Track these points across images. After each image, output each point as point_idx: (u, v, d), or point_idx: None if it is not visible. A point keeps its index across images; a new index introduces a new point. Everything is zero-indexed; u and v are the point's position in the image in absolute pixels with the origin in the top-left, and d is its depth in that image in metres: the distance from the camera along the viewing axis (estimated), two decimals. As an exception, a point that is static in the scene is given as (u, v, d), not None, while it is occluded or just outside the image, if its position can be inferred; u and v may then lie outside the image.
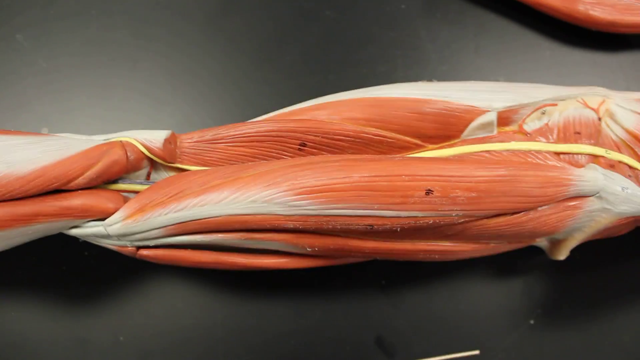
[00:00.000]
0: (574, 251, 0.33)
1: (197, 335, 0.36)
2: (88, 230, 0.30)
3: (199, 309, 0.37)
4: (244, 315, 0.36)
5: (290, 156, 0.31)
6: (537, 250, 0.35)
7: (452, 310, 0.37)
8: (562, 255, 0.33)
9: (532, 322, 0.36)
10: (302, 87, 0.41)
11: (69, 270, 0.37)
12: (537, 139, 0.32)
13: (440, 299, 0.37)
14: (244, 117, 0.39)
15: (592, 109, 0.33)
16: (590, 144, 0.32)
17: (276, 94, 0.40)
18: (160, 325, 0.36)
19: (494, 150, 0.31)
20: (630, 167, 0.32)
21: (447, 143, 0.32)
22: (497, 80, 0.40)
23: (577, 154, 0.32)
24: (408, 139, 0.32)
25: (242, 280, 0.37)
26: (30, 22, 0.42)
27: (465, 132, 0.32)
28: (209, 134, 0.31)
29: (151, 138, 0.30)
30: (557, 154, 0.32)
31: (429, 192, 0.27)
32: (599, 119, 0.33)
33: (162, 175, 0.32)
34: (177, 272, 0.37)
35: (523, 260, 0.37)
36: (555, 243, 0.33)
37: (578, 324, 0.36)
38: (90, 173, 0.29)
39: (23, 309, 0.36)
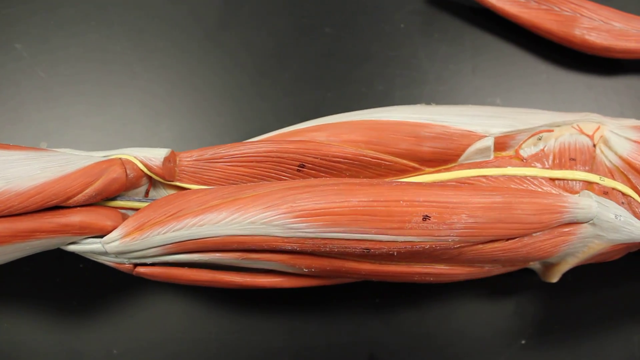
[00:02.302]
0: (565, 273, 0.34)
1: (191, 350, 0.36)
2: (86, 247, 0.30)
3: (194, 324, 0.37)
4: (238, 330, 0.37)
5: (288, 177, 0.32)
6: (529, 271, 0.36)
7: (444, 329, 0.37)
8: (555, 278, 0.34)
9: (523, 342, 0.37)
10: (300, 104, 0.41)
11: (64, 282, 0.37)
12: (533, 165, 0.33)
13: (433, 318, 0.37)
14: (242, 132, 0.40)
15: (587, 135, 0.33)
16: (585, 171, 0.32)
17: (274, 110, 0.41)
18: (155, 339, 0.36)
19: (491, 175, 0.32)
20: (623, 194, 0.32)
21: (444, 167, 0.33)
22: (494, 101, 0.41)
23: (572, 180, 0.32)
24: (406, 162, 0.32)
25: (237, 296, 0.37)
26: (30, 32, 0.42)
27: (463, 157, 0.32)
28: (208, 152, 0.31)
29: (151, 156, 0.31)
30: (552, 179, 0.32)
31: (426, 217, 0.27)
32: (594, 145, 0.33)
33: (160, 193, 0.32)
34: (171, 287, 0.37)
35: (515, 281, 0.38)
36: (548, 267, 0.33)
37: (569, 345, 0.37)
38: (89, 190, 0.29)
39: (17, 321, 0.36)
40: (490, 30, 0.43)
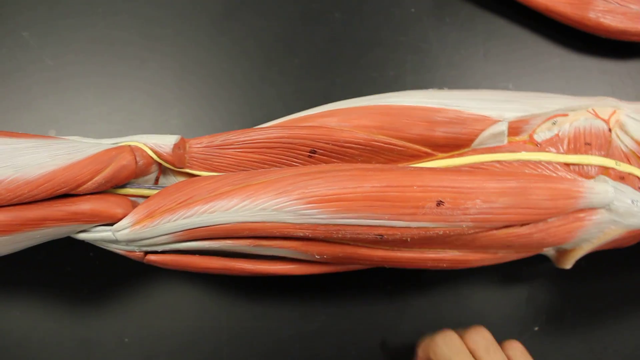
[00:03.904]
0: (579, 259, 0.33)
1: (202, 337, 0.36)
2: (96, 235, 0.30)
3: (204, 312, 0.37)
4: (249, 317, 0.36)
5: (299, 163, 0.31)
6: (542, 257, 0.35)
7: (457, 315, 0.37)
8: (569, 264, 0.33)
9: (536, 328, 0.36)
10: (309, 89, 0.40)
11: (74, 271, 0.37)
12: (547, 150, 0.32)
13: (445, 305, 0.37)
14: (251, 119, 0.39)
15: (603, 119, 0.33)
16: (601, 155, 0.32)
17: (283, 96, 0.40)
18: (165, 327, 0.36)
19: (505, 161, 0.31)
20: (640, 179, 0.32)
21: (457, 152, 0.32)
22: (506, 86, 0.40)
23: (587, 165, 0.32)
24: (418, 147, 0.32)
25: (248, 284, 0.37)
26: (37, 20, 0.42)
27: (476, 142, 0.32)
28: (219, 139, 0.31)
29: (160, 143, 0.30)
30: (567, 165, 0.32)
31: (440, 203, 0.27)
32: (610, 129, 0.33)
33: (170, 180, 0.32)
34: (182, 274, 0.37)
35: (528, 267, 0.37)
36: (563, 252, 0.33)
37: (582, 331, 0.36)
38: (99, 178, 0.29)
39: (27, 309, 0.36)
40: (502, 13, 0.42)
